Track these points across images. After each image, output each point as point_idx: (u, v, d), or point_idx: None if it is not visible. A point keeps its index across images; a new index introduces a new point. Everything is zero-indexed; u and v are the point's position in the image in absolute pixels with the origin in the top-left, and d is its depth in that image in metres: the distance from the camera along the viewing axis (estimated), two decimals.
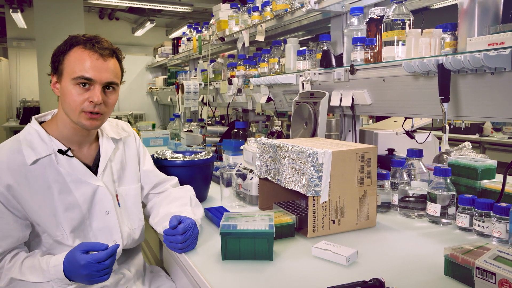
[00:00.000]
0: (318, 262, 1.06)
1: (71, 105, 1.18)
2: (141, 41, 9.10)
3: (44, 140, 1.21)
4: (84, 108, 1.18)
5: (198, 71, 3.52)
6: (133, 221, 1.36)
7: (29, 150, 1.18)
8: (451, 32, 1.33)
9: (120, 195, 1.33)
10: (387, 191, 1.47)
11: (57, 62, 1.20)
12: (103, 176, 1.28)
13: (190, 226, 1.16)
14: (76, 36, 1.21)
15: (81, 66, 1.16)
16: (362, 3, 1.78)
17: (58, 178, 1.20)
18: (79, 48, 1.18)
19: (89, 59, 1.17)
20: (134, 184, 1.39)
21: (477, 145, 5.05)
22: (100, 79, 1.18)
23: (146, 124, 4.03)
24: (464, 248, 0.95)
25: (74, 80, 1.17)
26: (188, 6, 6.54)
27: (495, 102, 1.23)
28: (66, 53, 1.19)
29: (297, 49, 2.12)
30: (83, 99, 1.18)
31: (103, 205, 1.26)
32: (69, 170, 1.22)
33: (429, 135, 1.87)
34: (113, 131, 1.38)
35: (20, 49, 7.90)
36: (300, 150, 1.23)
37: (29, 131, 1.23)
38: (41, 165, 1.19)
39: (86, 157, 1.30)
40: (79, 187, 1.23)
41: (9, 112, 7.77)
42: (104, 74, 1.19)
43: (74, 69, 1.17)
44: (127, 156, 1.40)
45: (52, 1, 5.39)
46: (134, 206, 1.37)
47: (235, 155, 2.08)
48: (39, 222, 1.19)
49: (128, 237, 1.32)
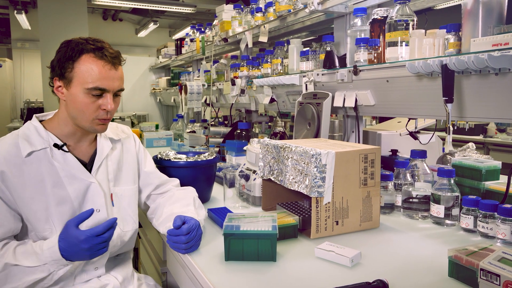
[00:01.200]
0: (321, 263, 1.06)
1: (84, 112, 1.22)
2: (144, 42, 9.13)
3: (41, 134, 1.24)
4: (98, 116, 1.23)
5: (201, 72, 3.52)
6: (126, 222, 1.35)
7: (25, 142, 1.21)
8: (455, 32, 1.32)
9: (115, 195, 1.33)
10: (391, 192, 1.47)
11: (63, 68, 1.20)
12: (97, 174, 1.29)
13: (194, 227, 1.16)
14: (82, 42, 1.21)
15: (96, 77, 1.19)
16: (365, 4, 1.77)
17: (52, 172, 1.22)
18: (89, 57, 1.20)
19: (103, 70, 1.20)
20: (130, 186, 1.39)
21: (481, 146, 5.03)
22: (113, 88, 1.23)
23: (149, 125, 4.04)
24: (468, 250, 0.95)
25: (88, 90, 1.19)
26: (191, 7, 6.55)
27: (499, 103, 1.23)
28: (76, 60, 1.19)
29: (300, 50, 2.12)
30: (96, 107, 1.22)
31: (94, 202, 1.27)
32: (63, 164, 1.23)
33: (432, 136, 1.87)
34: (112, 132, 1.40)
35: (24, 50, 7.94)
36: (303, 151, 1.22)
37: (28, 126, 1.26)
38: (36, 158, 1.21)
39: (84, 154, 1.31)
40: (72, 182, 1.24)
41: (13, 113, 7.81)
42: (116, 82, 1.24)
43: (87, 79, 1.19)
44: (125, 157, 1.40)
45: (56, 2, 5.42)
46: (128, 207, 1.36)
47: (238, 155, 2.09)
48: (29, 215, 1.19)
49: (117, 238, 1.31)
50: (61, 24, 5.40)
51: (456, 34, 1.32)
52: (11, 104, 7.81)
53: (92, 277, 1.28)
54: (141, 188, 1.46)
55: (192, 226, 1.15)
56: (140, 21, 8.94)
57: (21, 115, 7.39)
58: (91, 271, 1.28)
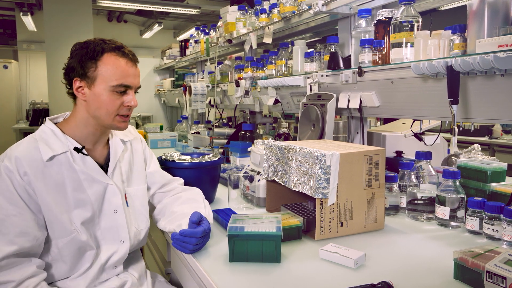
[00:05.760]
0: (325, 265, 1.05)
1: (108, 110, 1.24)
2: (149, 44, 9.16)
3: (60, 138, 1.24)
4: (120, 112, 1.26)
5: (205, 73, 3.53)
6: (140, 221, 1.37)
7: (45, 147, 1.21)
8: (460, 33, 1.32)
9: (129, 195, 1.36)
10: (395, 194, 1.46)
11: (85, 67, 1.22)
12: (113, 176, 1.31)
13: (208, 230, 1.18)
14: (101, 43, 1.23)
15: (120, 74, 1.23)
16: (370, 5, 1.77)
17: (72, 175, 1.22)
18: (112, 55, 1.23)
19: (126, 67, 1.24)
20: (141, 185, 1.41)
21: (486, 147, 4.99)
22: (136, 84, 1.28)
23: (154, 126, 4.05)
24: (473, 252, 0.94)
25: (113, 87, 1.22)
26: (195, 9, 6.57)
27: (505, 104, 1.22)
28: (99, 59, 1.21)
29: (304, 51, 2.12)
30: (119, 104, 1.25)
31: (112, 203, 1.29)
32: (83, 168, 1.24)
33: (437, 137, 1.86)
34: (122, 133, 1.41)
35: (30, 52, 7.99)
36: (308, 152, 1.22)
37: (44, 130, 1.26)
38: (57, 161, 1.21)
39: (99, 156, 1.33)
40: (91, 185, 1.25)
41: (18, 114, 7.86)
42: (137, 79, 1.29)
43: (112, 77, 1.22)
44: (134, 157, 1.42)
45: (61, 4, 5.45)
46: (141, 206, 1.39)
47: (243, 157, 2.09)
48: (53, 219, 1.19)
49: (134, 237, 1.34)
50: (66, 25, 5.43)
51: (462, 35, 1.31)
52: (17, 105, 7.85)
53: (112, 275, 1.30)
54: (148, 187, 1.47)
55: (206, 229, 1.17)
56: (144, 22, 8.97)
57: (27, 116, 7.43)
58: (110, 270, 1.30)
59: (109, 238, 1.28)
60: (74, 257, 1.23)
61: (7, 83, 7.60)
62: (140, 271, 1.39)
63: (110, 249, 1.28)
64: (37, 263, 1.16)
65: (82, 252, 1.24)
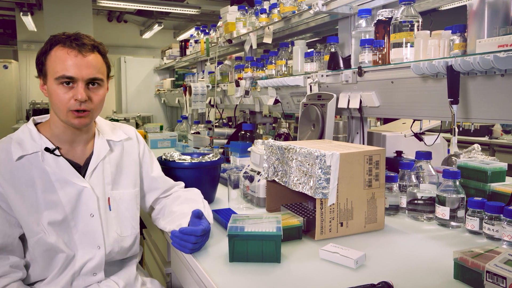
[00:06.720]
0: (325, 265, 1.05)
1: (58, 105, 1.19)
2: (149, 44, 9.16)
3: (34, 138, 1.23)
4: (70, 107, 1.18)
5: (205, 73, 3.53)
6: (124, 227, 1.32)
7: (17, 146, 1.20)
8: (460, 33, 1.32)
9: (113, 198, 1.30)
10: (395, 194, 1.46)
11: (40, 64, 1.21)
12: (91, 177, 1.26)
13: (208, 229, 1.17)
14: (57, 35, 1.21)
15: (62, 65, 1.16)
16: (370, 5, 1.77)
17: (43, 176, 1.20)
18: (59, 47, 1.18)
19: (68, 57, 1.16)
20: (130, 189, 1.35)
21: (486, 147, 4.99)
22: (81, 76, 1.17)
23: (154, 126, 4.05)
24: (473, 252, 0.94)
25: (57, 80, 1.17)
26: (195, 9, 6.57)
27: (505, 104, 1.22)
28: (48, 53, 1.19)
29: (304, 51, 2.12)
30: (68, 98, 1.18)
31: (88, 207, 1.24)
32: (55, 169, 1.21)
33: (437, 137, 1.86)
34: (112, 133, 1.36)
35: (30, 52, 7.99)
36: (308, 152, 1.22)
37: (23, 130, 1.26)
38: (27, 161, 1.20)
39: (79, 156, 1.28)
40: (63, 187, 1.21)
41: (18, 114, 7.85)
42: (85, 70, 1.18)
43: (55, 69, 1.17)
44: (126, 160, 1.36)
45: (61, 4, 5.46)
46: (127, 211, 1.33)
47: (243, 157, 2.09)
48: (21, 219, 1.19)
49: (114, 242, 1.28)
50: (66, 25, 5.41)
51: (462, 35, 1.31)
52: (17, 105, 7.85)
53: (91, 283, 1.25)
54: (148, 192, 1.44)
55: (206, 228, 1.16)
56: (144, 22, 8.98)
57: (27, 116, 7.42)
58: (89, 277, 1.25)
59: (86, 243, 1.24)
60: (44, 258, 1.21)
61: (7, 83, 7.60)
62: (127, 280, 1.32)
63: (86, 254, 1.24)
64: (12, 263, 1.17)
65: (52, 255, 1.21)
